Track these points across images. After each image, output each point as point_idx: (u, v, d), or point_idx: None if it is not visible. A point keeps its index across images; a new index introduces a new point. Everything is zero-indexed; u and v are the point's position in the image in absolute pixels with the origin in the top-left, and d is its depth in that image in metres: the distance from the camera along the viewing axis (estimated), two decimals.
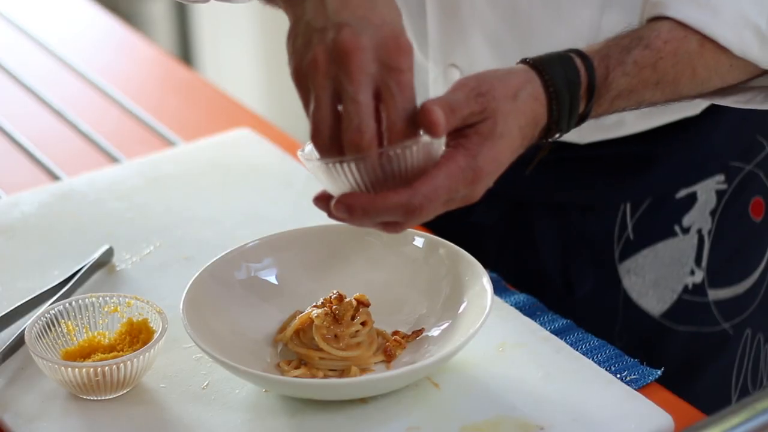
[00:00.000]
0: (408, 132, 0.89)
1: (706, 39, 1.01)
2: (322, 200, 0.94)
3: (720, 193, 1.26)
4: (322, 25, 0.89)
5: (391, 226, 0.93)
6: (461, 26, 1.19)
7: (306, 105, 0.91)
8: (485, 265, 1.07)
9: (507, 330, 1.09)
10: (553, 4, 1.14)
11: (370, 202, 0.90)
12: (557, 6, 1.14)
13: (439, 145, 0.92)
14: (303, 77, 0.90)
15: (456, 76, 1.21)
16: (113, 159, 1.44)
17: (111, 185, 1.34)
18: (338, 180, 0.91)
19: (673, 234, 1.25)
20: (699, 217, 1.25)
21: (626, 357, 1.08)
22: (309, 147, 0.94)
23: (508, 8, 1.16)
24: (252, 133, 1.44)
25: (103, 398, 1.02)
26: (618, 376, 1.04)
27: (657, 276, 1.26)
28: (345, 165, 0.90)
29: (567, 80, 0.96)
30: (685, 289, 1.26)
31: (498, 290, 1.14)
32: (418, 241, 1.11)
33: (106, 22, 1.85)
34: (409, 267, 1.11)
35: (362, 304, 1.05)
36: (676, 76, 1.01)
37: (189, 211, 1.29)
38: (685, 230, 1.25)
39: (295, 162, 1.38)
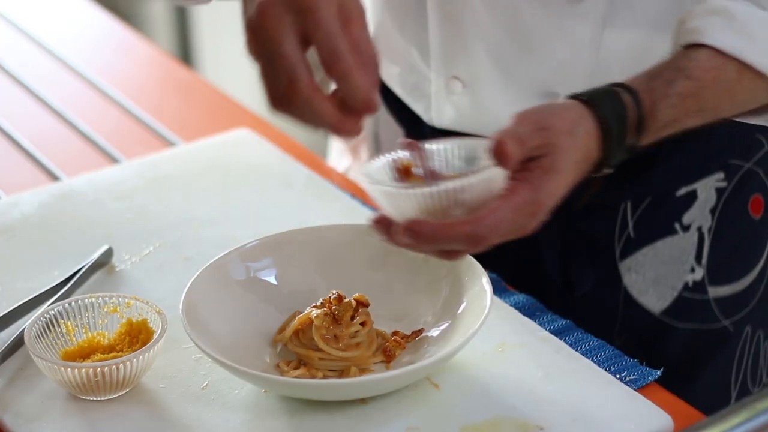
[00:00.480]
0: (334, 60, 0.90)
1: (743, 65, 1.02)
2: (382, 224, 0.95)
3: (720, 191, 1.26)
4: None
5: (452, 254, 0.96)
6: (463, 39, 1.20)
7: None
8: (485, 265, 1.07)
9: (506, 330, 1.09)
10: (555, 19, 1.15)
11: (438, 231, 0.92)
12: (559, 21, 1.15)
13: (503, 177, 0.94)
14: (250, 58, 0.93)
15: (458, 88, 1.23)
16: (113, 159, 1.44)
17: (111, 186, 1.34)
18: (401, 205, 0.93)
19: (674, 232, 1.26)
20: (699, 215, 1.26)
21: (626, 357, 1.08)
22: (370, 169, 0.97)
23: (510, 23, 1.17)
24: (252, 134, 1.44)
25: (102, 399, 1.02)
26: (617, 376, 1.04)
27: (657, 274, 1.26)
28: (412, 191, 0.92)
29: (617, 116, 0.98)
30: (686, 287, 1.27)
31: (497, 290, 1.14)
32: None
33: (106, 22, 1.85)
34: (409, 267, 1.11)
35: (362, 304, 1.05)
36: (716, 102, 1.03)
37: (189, 212, 1.29)
38: (686, 228, 1.26)
39: (294, 162, 1.38)
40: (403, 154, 0.99)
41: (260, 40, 0.92)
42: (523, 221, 0.94)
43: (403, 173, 0.98)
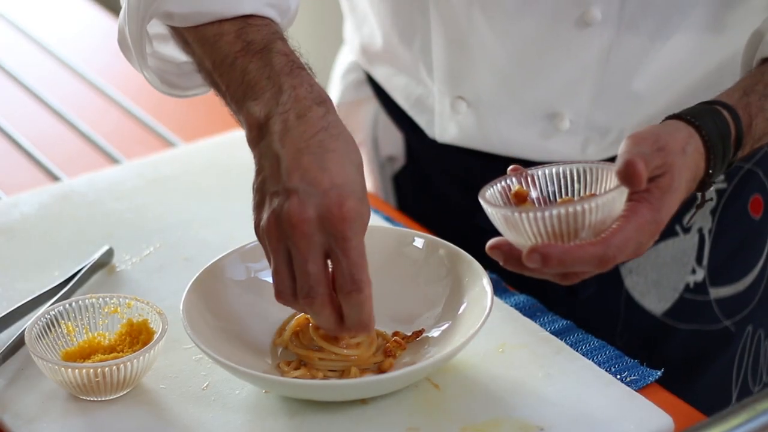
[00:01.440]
0: (352, 289, 0.93)
1: None
2: (499, 249, 0.96)
3: (720, 192, 1.26)
4: (274, 190, 0.94)
5: (573, 277, 0.96)
6: (469, 62, 1.20)
7: (268, 259, 0.96)
8: (485, 265, 1.07)
9: (507, 331, 1.09)
10: (564, 41, 1.16)
11: (567, 253, 0.92)
12: (568, 42, 1.16)
13: (621, 198, 0.94)
14: (261, 238, 0.96)
15: (463, 108, 1.23)
16: (113, 160, 1.44)
17: (111, 186, 1.34)
18: (525, 229, 0.94)
19: (674, 234, 1.26)
20: (700, 217, 1.26)
21: (626, 358, 1.08)
22: (490, 191, 0.97)
23: (517, 44, 1.18)
24: None
25: (103, 399, 1.02)
26: (618, 376, 1.04)
27: (659, 275, 1.26)
28: (539, 214, 0.92)
29: (720, 133, 0.99)
30: (687, 288, 1.27)
31: (498, 291, 1.14)
32: (419, 242, 1.11)
33: (106, 22, 1.85)
34: (410, 268, 1.11)
35: None
36: None
37: (189, 212, 1.29)
38: (686, 230, 1.26)
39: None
40: (512, 181, 0.99)
41: (283, 240, 0.93)
42: (645, 240, 0.94)
43: (517, 199, 0.99)
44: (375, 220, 1.26)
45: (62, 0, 1.94)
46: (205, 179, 1.35)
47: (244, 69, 0.99)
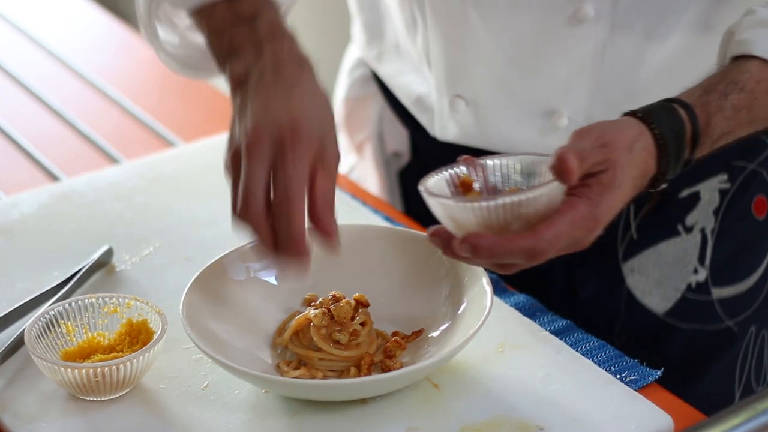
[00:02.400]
0: (281, 201, 0.96)
1: None
2: (440, 236, 0.96)
3: (723, 192, 1.26)
4: (240, 125, 1.00)
5: (508, 267, 0.96)
6: (465, 61, 1.21)
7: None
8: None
9: (507, 331, 1.09)
10: (558, 39, 1.16)
11: (497, 245, 0.92)
12: (562, 40, 1.16)
13: (562, 192, 0.94)
14: (226, 167, 1.00)
15: (461, 107, 1.23)
16: (113, 159, 1.44)
17: (110, 186, 1.34)
18: (461, 218, 0.94)
19: (677, 233, 1.26)
20: (702, 217, 1.26)
21: (626, 357, 1.08)
22: (431, 181, 0.97)
23: (512, 43, 1.18)
24: None
25: (102, 399, 1.02)
26: (618, 376, 1.04)
27: (660, 275, 1.26)
28: (472, 204, 0.92)
29: (674, 131, 0.98)
30: (689, 288, 1.27)
31: (498, 291, 1.14)
32: (418, 242, 1.11)
33: (106, 22, 1.85)
34: (410, 268, 1.10)
35: (361, 304, 1.05)
36: (767, 112, 1.04)
37: (188, 212, 1.29)
38: (689, 229, 1.26)
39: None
40: (460, 169, 0.99)
41: (237, 165, 0.99)
42: (581, 236, 0.94)
43: (463, 188, 0.99)
44: (375, 220, 1.26)
45: (62, 0, 1.94)
46: (205, 179, 1.35)
47: (231, 36, 1.05)
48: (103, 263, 1.19)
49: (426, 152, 1.35)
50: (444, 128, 1.27)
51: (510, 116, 1.21)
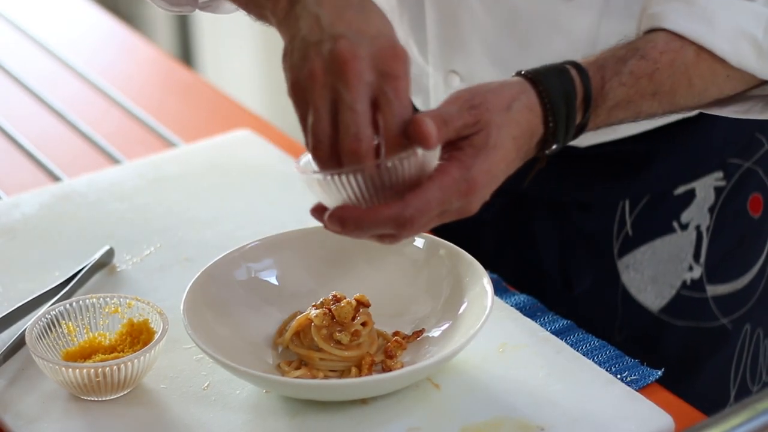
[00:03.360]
0: (404, 139, 0.89)
1: (702, 50, 1.01)
2: (319, 212, 0.94)
3: (718, 190, 1.26)
4: (318, 38, 0.90)
5: (387, 238, 0.94)
6: (460, 34, 1.20)
7: (303, 119, 0.91)
8: (484, 263, 1.07)
9: (507, 331, 1.09)
10: (552, 14, 1.15)
11: (362, 216, 0.90)
12: (556, 15, 1.15)
13: (433, 157, 0.92)
14: (301, 91, 0.90)
15: (456, 82, 1.22)
16: (114, 160, 1.44)
17: (111, 186, 1.34)
18: (332, 193, 0.92)
19: (672, 230, 1.26)
20: (697, 214, 1.26)
21: (626, 357, 1.08)
22: (304, 159, 0.95)
23: (506, 17, 1.17)
24: (252, 135, 1.44)
25: (103, 399, 1.02)
26: (618, 376, 1.04)
27: (655, 272, 1.26)
28: (339, 177, 0.90)
29: (563, 91, 0.97)
30: (684, 285, 1.27)
31: (498, 291, 1.14)
32: (419, 242, 1.11)
33: (107, 23, 1.85)
34: (410, 268, 1.11)
35: (362, 304, 1.05)
36: (672, 86, 1.01)
37: (189, 212, 1.29)
38: (684, 227, 1.26)
39: (294, 162, 1.38)
40: None
41: (328, 86, 0.89)
42: (456, 201, 0.91)
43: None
44: None
45: (63, 0, 1.94)
46: (205, 180, 1.35)
47: None
48: (104, 263, 1.19)
49: None
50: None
51: None
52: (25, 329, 1.06)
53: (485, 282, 1.04)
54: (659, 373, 1.06)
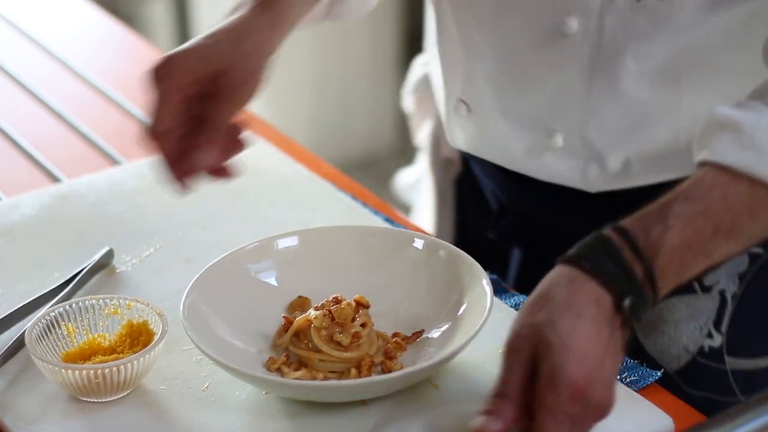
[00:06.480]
0: None
1: (755, 181, 0.94)
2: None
3: (753, 257, 1.19)
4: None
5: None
6: (466, 65, 1.20)
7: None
8: (485, 266, 1.07)
9: (507, 331, 1.08)
10: (546, 52, 1.15)
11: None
12: (550, 55, 1.15)
13: None
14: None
15: (464, 111, 1.23)
16: (113, 161, 1.44)
17: (111, 187, 1.34)
18: None
19: (692, 291, 1.19)
20: (724, 278, 1.19)
21: (626, 358, 1.07)
22: None
23: (506, 53, 1.17)
24: (252, 135, 1.44)
25: (103, 400, 1.02)
26: (618, 377, 1.04)
27: (669, 331, 1.20)
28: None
29: (614, 263, 0.91)
30: (701, 352, 1.20)
31: (498, 291, 1.14)
32: (418, 243, 1.11)
33: (106, 23, 1.85)
34: (410, 268, 1.11)
35: (362, 305, 1.05)
36: (734, 221, 0.94)
37: (189, 213, 1.29)
38: (706, 289, 1.19)
39: (294, 163, 1.38)
40: None
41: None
42: (573, 407, 0.87)
43: None
44: (375, 221, 1.26)
45: (62, 1, 1.94)
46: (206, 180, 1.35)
47: None
48: (104, 264, 1.19)
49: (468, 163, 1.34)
50: (452, 134, 1.27)
51: (507, 127, 1.20)
52: (24, 330, 1.06)
53: (485, 283, 1.04)
54: (659, 374, 1.06)
